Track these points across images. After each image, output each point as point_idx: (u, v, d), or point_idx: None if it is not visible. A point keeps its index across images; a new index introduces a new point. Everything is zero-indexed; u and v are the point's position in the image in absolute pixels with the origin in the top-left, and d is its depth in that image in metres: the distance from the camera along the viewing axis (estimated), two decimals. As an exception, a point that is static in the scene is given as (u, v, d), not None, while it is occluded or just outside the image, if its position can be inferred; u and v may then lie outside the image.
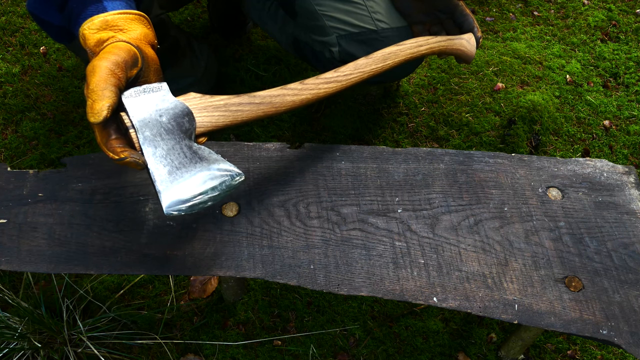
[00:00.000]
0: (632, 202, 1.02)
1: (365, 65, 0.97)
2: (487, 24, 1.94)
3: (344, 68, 0.96)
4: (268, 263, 0.92)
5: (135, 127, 0.76)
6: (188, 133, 0.79)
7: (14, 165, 1.48)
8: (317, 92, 0.92)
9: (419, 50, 1.04)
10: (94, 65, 0.74)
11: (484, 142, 1.62)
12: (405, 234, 0.96)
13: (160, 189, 0.74)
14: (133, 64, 0.78)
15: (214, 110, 0.83)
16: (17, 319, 1.16)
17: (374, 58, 0.99)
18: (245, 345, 1.26)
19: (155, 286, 1.34)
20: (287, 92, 0.89)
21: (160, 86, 0.81)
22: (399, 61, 1.02)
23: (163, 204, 0.73)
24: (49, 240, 0.93)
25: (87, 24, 0.79)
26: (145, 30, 0.82)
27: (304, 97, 0.91)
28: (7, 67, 1.68)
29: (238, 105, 0.85)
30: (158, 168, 0.75)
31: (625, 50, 1.87)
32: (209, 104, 0.83)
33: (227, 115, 0.84)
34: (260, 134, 1.59)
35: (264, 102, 0.87)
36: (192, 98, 0.83)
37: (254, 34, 1.81)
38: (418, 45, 1.04)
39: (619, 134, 1.68)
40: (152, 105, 0.78)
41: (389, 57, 1.00)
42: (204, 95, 0.84)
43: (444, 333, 1.31)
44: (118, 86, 0.75)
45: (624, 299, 0.91)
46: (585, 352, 1.30)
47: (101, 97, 0.72)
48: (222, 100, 0.85)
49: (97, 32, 0.79)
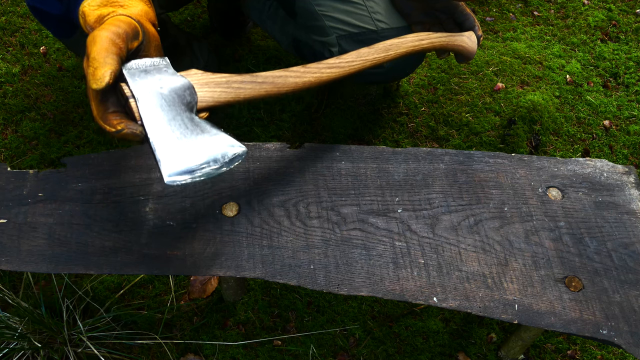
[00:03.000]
0: (632, 202, 1.02)
1: (367, 54, 0.98)
2: (487, 24, 1.94)
3: (347, 56, 0.97)
4: (268, 263, 0.92)
5: (135, 96, 0.74)
6: (189, 106, 0.77)
7: (14, 165, 1.48)
8: (320, 75, 0.92)
9: (421, 44, 1.05)
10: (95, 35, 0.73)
11: (484, 142, 1.62)
12: (405, 234, 0.96)
13: (160, 157, 0.71)
14: (134, 36, 0.77)
15: (216, 86, 0.82)
16: (17, 319, 1.16)
17: (376, 48, 1.00)
18: (245, 345, 1.26)
19: (155, 286, 1.34)
20: (290, 74, 0.89)
21: (161, 60, 0.80)
22: (401, 53, 1.02)
23: (163, 173, 0.71)
24: (49, 240, 0.93)
25: (87, 1, 0.79)
26: (146, 8, 0.82)
27: (306, 79, 0.90)
28: (7, 67, 1.68)
29: (240, 82, 0.84)
30: (158, 137, 0.73)
31: (625, 50, 1.87)
32: (210, 80, 0.82)
33: (228, 91, 0.83)
34: (260, 134, 1.59)
35: (266, 82, 0.86)
36: (194, 74, 0.82)
37: (254, 34, 1.81)
38: (420, 39, 1.05)
39: (619, 134, 1.68)
40: (153, 76, 0.77)
41: (391, 49, 1.01)
42: (205, 72, 0.83)
43: (444, 333, 1.31)
44: (119, 55, 0.74)
45: (624, 299, 0.91)
46: (585, 352, 1.30)
47: (103, 64, 0.71)
48: (224, 78, 0.83)
49: (97, 8, 0.78)
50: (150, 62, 0.79)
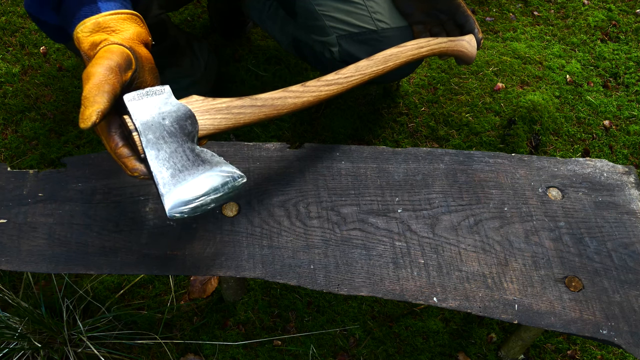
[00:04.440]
0: (632, 202, 1.02)
1: (366, 67, 0.98)
2: (487, 24, 1.94)
3: (345, 70, 0.96)
4: (268, 263, 0.92)
5: (138, 130, 0.76)
6: (191, 136, 0.79)
7: (14, 165, 1.48)
8: (319, 94, 0.92)
9: (420, 51, 1.05)
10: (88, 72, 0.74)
11: (484, 142, 1.62)
12: (405, 234, 0.96)
13: (163, 191, 0.74)
14: (127, 66, 0.77)
15: (216, 113, 0.83)
16: (17, 319, 1.16)
17: (374, 60, 0.99)
18: (245, 345, 1.26)
19: (155, 286, 1.34)
20: (289, 95, 0.90)
21: (163, 89, 0.81)
22: (400, 63, 1.02)
23: (166, 206, 0.73)
24: (49, 240, 0.93)
25: (80, 27, 0.79)
26: (139, 29, 0.82)
27: (305, 99, 0.91)
28: (7, 67, 1.68)
29: (240, 107, 0.85)
30: (161, 171, 0.75)
31: (625, 50, 1.87)
32: (211, 106, 0.83)
33: (229, 117, 0.84)
34: (260, 134, 1.59)
35: (265, 105, 0.87)
36: (195, 101, 0.83)
37: (254, 34, 1.81)
38: (419, 46, 1.04)
39: (619, 134, 1.68)
40: (155, 108, 0.78)
41: (390, 59, 1.00)
42: (206, 98, 0.84)
43: (444, 333, 1.31)
44: (112, 92, 0.75)
45: (624, 299, 0.91)
46: (585, 352, 1.30)
47: (92, 103, 0.72)
48: (225, 103, 0.85)
49: (90, 34, 0.79)
50: (152, 92, 0.79)
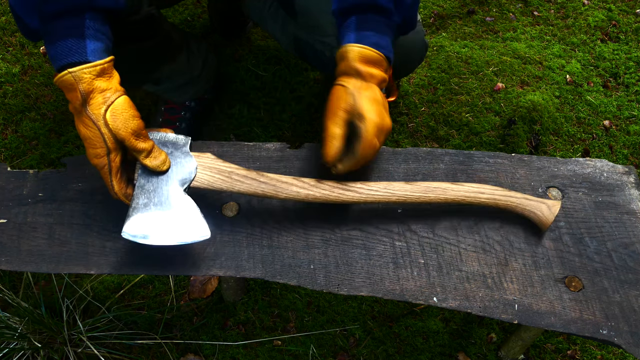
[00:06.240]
0: (632, 202, 1.02)
1: (398, 189, 0.91)
2: (487, 24, 1.94)
3: (373, 184, 0.92)
4: (268, 263, 0.92)
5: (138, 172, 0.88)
6: (182, 182, 0.88)
7: (14, 165, 1.48)
8: (328, 195, 0.91)
9: (479, 197, 0.93)
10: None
11: (484, 142, 1.62)
12: (405, 234, 0.96)
13: (128, 214, 0.84)
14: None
15: (217, 173, 0.89)
16: (17, 319, 1.16)
17: (414, 185, 0.92)
18: (245, 345, 1.26)
19: (155, 286, 1.34)
20: (297, 184, 0.91)
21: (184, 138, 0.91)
22: (444, 200, 0.92)
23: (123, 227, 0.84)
24: (49, 240, 0.93)
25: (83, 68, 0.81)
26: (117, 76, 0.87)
27: (310, 193, 0.91)
28: (7, 67, 1.68)
29: (242, 177, 0.90)
30: (137, 197, 0.85)
31: (625, 50, 1.87)
32: (216, 166, 0.90)
33: (226, 181, 0.89)
34: (260, 134, 1.59)
35: (267, 183, 0.90)
36: (206, 157, 0.90)
37: (254, 34, 1.81)
38: (479, 191, 0.93)
39: (619, 134, 1.68)
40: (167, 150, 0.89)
41: (435, 192, 0.91)
42: (217, 159, 0.91)
43: (444, 333, 1.31)
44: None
45: (624, 299, 0.91)
46: (585, 352, 1.30)
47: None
48: (230, 168, 0.90)
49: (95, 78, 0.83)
50: (173, 138, 0.91)
